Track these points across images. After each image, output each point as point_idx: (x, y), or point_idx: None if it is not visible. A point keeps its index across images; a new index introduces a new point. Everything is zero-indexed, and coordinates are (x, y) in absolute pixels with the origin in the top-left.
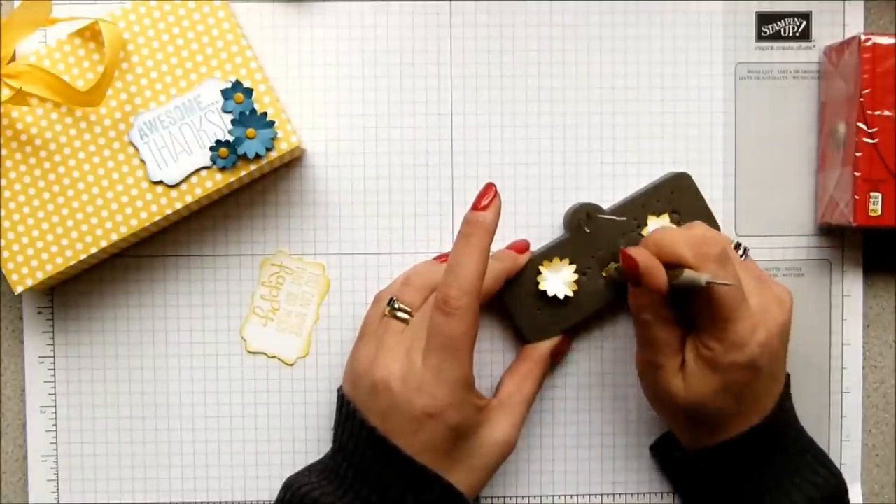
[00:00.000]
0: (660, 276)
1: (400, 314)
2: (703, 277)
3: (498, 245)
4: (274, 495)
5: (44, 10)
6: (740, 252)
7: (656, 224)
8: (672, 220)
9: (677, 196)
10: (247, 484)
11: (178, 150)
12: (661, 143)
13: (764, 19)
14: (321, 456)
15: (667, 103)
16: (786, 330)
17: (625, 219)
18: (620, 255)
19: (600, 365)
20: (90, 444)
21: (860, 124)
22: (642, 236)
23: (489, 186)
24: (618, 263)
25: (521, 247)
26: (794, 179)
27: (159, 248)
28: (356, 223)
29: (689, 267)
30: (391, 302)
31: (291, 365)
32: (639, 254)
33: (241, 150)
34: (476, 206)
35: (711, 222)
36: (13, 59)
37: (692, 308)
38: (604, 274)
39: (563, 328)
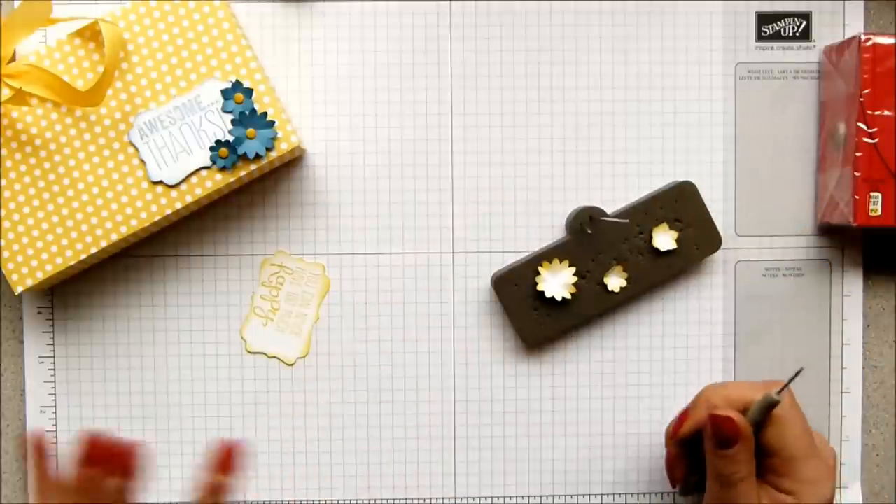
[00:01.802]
0: (747, 427)
1: None
2: (771, 394)
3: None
4: (274, 495)
5: (44, 10)
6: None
7: (661, 236)
8: (674, 229)
9: (681, 204)
10: (247, 484)
11: (178, 150)
12: (660, 143)
13: (764, 19)
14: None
15: (667, 103)
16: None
17: (627, 221)
18: (709, 424)
19: (600, 366)
20: None
21: (860, 124)
22: (644, 242)
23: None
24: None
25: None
26: (794, 179)
27: (159, 248)
28: (356, 223)
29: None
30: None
31: (291, 365)
32: (730, 414)
33: (241, 150)
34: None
35: (713, 232)
36: (13, 59)
37: (762, 453)
38: (677, 491)
39: (560, 330)
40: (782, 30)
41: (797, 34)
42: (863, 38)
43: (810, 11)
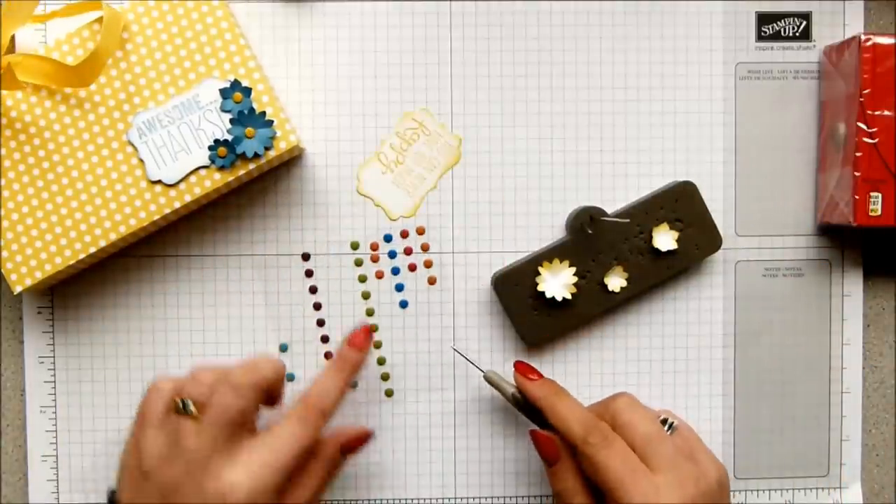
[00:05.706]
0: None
1: (191, 411)
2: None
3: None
4: None
5: (28, 5)
6: (666, 427)
7: (661, 236)
8: (674, 229)
9: (681, 204)
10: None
11: (176, 150)
12: (660, 144)
13: (764, 19)
14: None
15: (667, 103)
16: None
17: (627, 221)
18: (532, 440)
19: (600, 366)
20: (90, 444)
21: (860, 124)
22: (644, 242)
23: (366, 330)
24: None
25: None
26: (794, 179)
27: (159, 248)
28: (356, 223)
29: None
30: (183, 402)
31: (394, 220)
32: (549, 434)
33: (239, 150)
34: (352, 343)
35: (713, 232)
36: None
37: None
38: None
39: (560, 330)
40: (782, 30)
41: (797, 34)
42: (863, 38)
43: (810, 11)
